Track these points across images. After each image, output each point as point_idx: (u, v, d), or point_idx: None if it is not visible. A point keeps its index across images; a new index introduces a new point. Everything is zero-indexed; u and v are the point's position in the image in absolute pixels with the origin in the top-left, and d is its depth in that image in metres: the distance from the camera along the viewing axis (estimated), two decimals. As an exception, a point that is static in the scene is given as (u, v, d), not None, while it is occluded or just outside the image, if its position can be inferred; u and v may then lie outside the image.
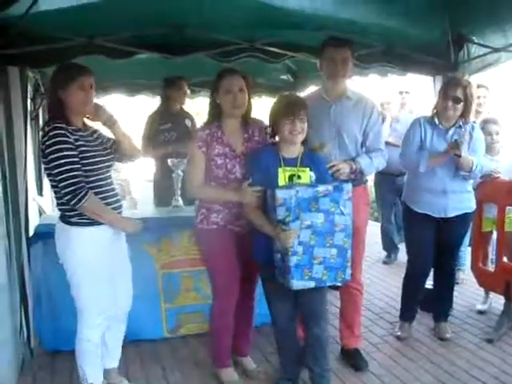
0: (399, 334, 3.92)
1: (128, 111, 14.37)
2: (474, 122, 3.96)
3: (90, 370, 2.96)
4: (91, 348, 2.93)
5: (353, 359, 3.51)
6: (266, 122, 3.07)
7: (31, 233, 3.65)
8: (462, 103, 3.58)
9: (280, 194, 2.71)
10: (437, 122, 3.68)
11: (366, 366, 3.46)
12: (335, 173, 3.13)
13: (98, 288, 2.86)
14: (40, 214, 5.33)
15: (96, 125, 2.93)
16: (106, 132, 3.02)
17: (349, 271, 2.87)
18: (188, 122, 4.93)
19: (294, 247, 2.72)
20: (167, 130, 4.78)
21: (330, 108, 3.32)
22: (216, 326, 3.22)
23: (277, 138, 3.02)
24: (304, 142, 2.99)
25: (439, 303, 4.03)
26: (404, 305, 4.03)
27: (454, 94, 3.56)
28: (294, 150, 2.97)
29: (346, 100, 3.34)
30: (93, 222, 2.82)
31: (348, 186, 2.81)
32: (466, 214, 3.77)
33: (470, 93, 3.59)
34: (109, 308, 2.94)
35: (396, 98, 5.73)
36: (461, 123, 3.66)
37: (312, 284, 2.81)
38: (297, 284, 2.78)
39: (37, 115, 5.94)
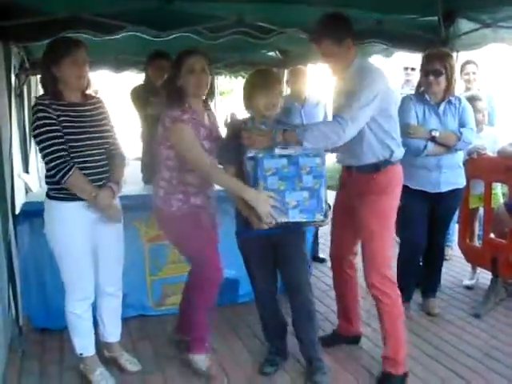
0: None
1: (114, 87, 14.21)
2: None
3: (78, 341, 3.04)
4: (77, 320, 2.98)
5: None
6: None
7: (18, 211, 3.61)
8: (443, 76, 3.58)
9: (250, 154, 2.75)
10: (428, 98, 3.67)
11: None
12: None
13: (77, 263, 2.89)
14: (26, 192, 5.29)
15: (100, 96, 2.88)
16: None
17: (326, 212, 2.83)
18: None
19: (266, 184, 2.75)
20: (155, 102, 4.69)
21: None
22: (202, 308, 3.10)
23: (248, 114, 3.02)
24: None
25: (428, 279, 4.05)
26: (401, 285, 3.95)
27: (434, 68, 3.57)
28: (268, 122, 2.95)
29: (348, 81, 2.97)
30: (72, 198, 2.81)
31: None
32: (457, 189, 3.78)
33: (449, 64, 3.58)
34: (91, 283, 2.97)
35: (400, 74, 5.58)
36: (451, 98, 3.67)
37: (286, 219, 2.79)
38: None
39: (21, 92, 5.85)
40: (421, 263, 4.08)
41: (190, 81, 2.92)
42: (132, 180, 5.58)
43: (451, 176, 3.72)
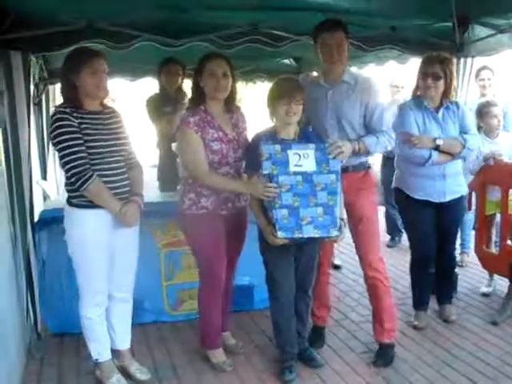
0: (416, 323, 3.82)
1: (130, 95, 14.34)
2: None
3: (93, 346, 3.06)
4: (92, 325, 3.02)
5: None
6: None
7: (36, 218, 3.66)
8: (442, 80, 3.51)
9: (265, 171, 2.82)
10: (426, 104, 3.59)
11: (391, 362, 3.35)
12: (338, 155, 2.92)
13: (95, 269, 2.92)
14: (44, 199, 5.35)
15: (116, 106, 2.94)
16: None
17: (340, 227, 2.91)
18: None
19: (281, 200, 2.80)
20: (168, 113, 4.75)
21: (326, 93, 3.21)
22: (205, 307, 3.27)
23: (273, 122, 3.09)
24: (299, 123, 3.05)
25: (442, 286, 4.01)
26: (415, 294, 3.94)
27: (433, 71, 3.50)
28: (290, 131, 3.04)
29: (343, 84, 3.19)
30: (92, 205, 2.84)
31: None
32: (461, 196, 3.76)
33: (448, 68, 3.52)
34: (105, 289, 3.00)
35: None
36: (448, 104, 3.60)
37: (300, 235, 2.86)
38: (282, 234, 2.84)
39: (40, 100, 5.93)
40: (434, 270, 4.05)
41: (209, 84, 3.04)
42: (147, 187, 5.65)
43: (454, 184, 3.68)
